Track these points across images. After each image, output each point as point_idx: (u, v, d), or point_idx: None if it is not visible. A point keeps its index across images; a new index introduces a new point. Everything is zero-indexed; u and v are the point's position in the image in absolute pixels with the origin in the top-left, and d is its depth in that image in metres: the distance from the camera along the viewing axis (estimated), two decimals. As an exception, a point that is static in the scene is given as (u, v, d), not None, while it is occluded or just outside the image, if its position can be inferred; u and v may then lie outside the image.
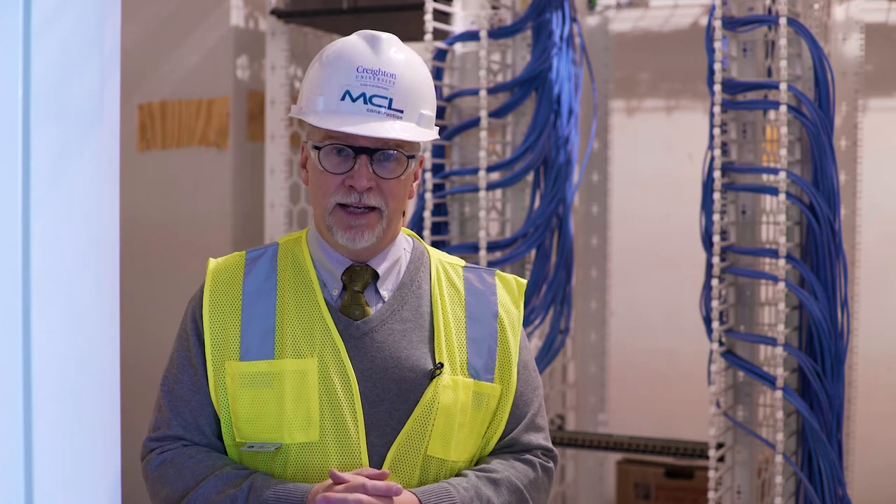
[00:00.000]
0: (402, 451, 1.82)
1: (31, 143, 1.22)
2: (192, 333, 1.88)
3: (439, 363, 1.85)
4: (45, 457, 1.23)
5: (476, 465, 1.93)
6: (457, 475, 1.88)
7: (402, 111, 1.82)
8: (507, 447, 1.95)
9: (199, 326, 1.88)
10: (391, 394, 1.83)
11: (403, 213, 1.93)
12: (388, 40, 1.85)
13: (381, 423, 1.82)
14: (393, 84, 1.81)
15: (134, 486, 2.20)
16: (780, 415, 3.06)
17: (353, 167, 1.81)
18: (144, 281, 4.35)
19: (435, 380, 1.84)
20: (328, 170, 1.82)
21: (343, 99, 1.80)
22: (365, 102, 1.80)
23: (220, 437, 1.88)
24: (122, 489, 1.45)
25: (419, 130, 1.83)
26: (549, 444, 1.99)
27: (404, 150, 1.83)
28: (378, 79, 1.81)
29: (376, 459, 1.82)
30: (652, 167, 4.73)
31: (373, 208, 1.83)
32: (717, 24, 3.08)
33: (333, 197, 1.83)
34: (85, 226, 1.32)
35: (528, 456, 1.94)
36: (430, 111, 1.87)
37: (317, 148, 1.83)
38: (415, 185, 1.92)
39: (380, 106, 1.80)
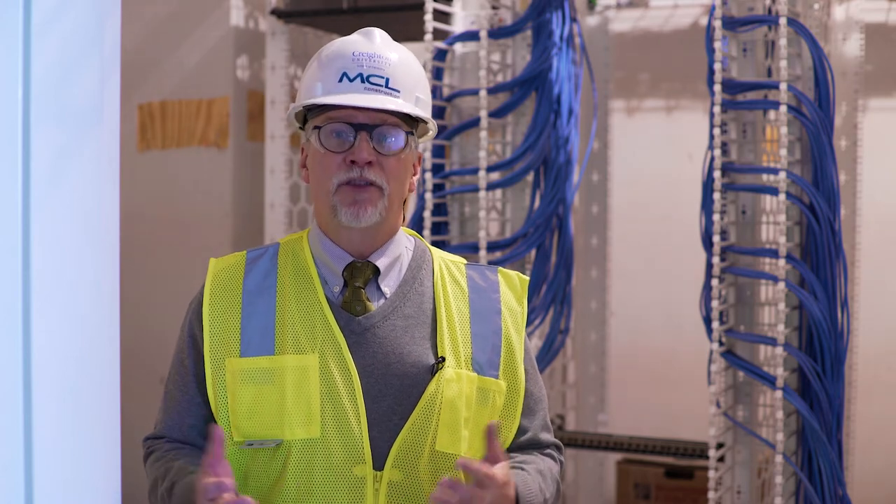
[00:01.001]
0: (406, 446, 1.82)
1: (31, 143, 1.22)
2: (188, 334, 1.89)
3: (441, 357, 1.85)
4: (45, 457, 1.23)
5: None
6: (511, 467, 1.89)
7: (398, 91, 1.84)
8: (528, 446, 1.96)
9: (195, 327, 1.88)
10: (393, 389, 1.83)
11: (404, 218, 1.93)
12: (381, 33, 1.90)
13: (384, 418, 1.82)
14: (389, 65, 1.84)
15: (134, 486, 2.20)
16: (780, 415, 3.06)
17: (354, 143, 1.82)
18: (145, 281, 4.35)
19: (437, 374, 1.84)
20: (329, 149, 1.83)
21: (340, 81, 1.83)
22: (362, 81, 1.83)
23: (206, 437, 1.89)
24: (122, 489, 1.45)
25: (416, 108, 1.86)
26: (557, 440, 2.03)
27: (404, 127, 1.85)
28: (374, 60, 1.84)
29: (379, 455, 1.81)
30: (652, 167, 4.73)
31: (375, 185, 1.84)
32: (717, 24, 3.08)
33: (336, 177, 1.83)
34: (85, 226, 1.32)
35: (548, 450, 1.98)
36: (426, 97, 1.90)
37: (317, 128, 1.84)
38: (414, 179, 1.92)
39: (377, 84, 1.83)
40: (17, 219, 1.21)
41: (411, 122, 1.87)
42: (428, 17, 3.44)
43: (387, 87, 1.83)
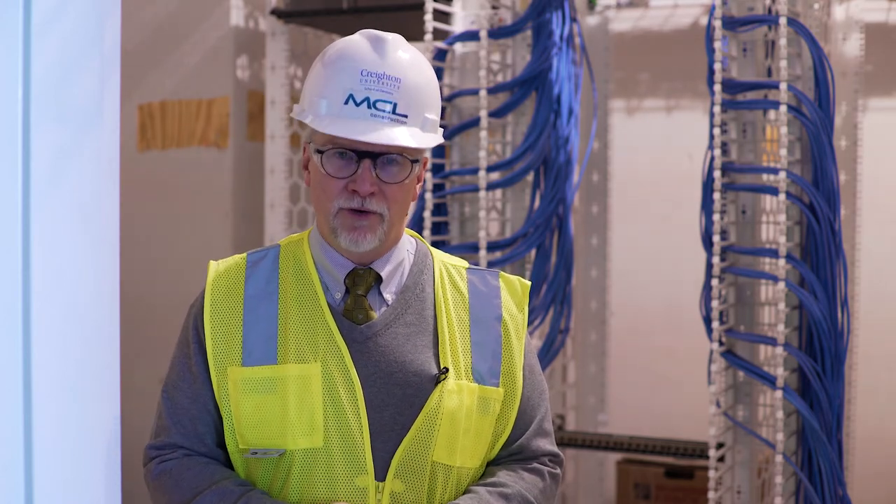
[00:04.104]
0: (408, 456, 1.80)
1: (31, 143, 1.22)
2: (193, 340, 1.86)
3: (444, 368, 1.83)
4: (45, 457, 1.23)
5: (483, 474, 1.92)
6: (466, 492, 1.86)
7: (406, 116, 1.78)
8: (515, 454, 1.93)
9: (200, 333, 1.85)
10: (396, 398, 1.81)
11: (406, 214, 1.91)
12: (394, 42, 1.82)
13: (386, 428, 1.80)
14: (398, 88, 1.78)
15: (134, 486, 2.20)
16: (780, 415, 3.06)
17: (357, 171, 1.78)
18: (145, 281, 4.35)
19: (440, 385, 1.82)
20: (331, 174, 1.79)
21: (346, 103, 1.77)
22: (369, 107, 1.76)
23: (220, 445, 1.86)
24: (122, 489, 1.45)
25: (423, 136, 1.80)
26: (556, 449, 1.98)
27: (408, 154, 1.81)
28: (382, 83, 1.77)
29: (381, 465, 1.79)
30: (652, 167, 4.73)
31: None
32: (717, 23, 3.08)
33: (336, 201, 1.80)
34: (85, 226, 1.32)
35: (535, 464, 1.93)
36: (435, 115, 1.84)
37: (319, 151, 1.81)
38: (418, 187, 1.89)
39: (384, 111, 1.77)
40: (17, 219, 1.21)
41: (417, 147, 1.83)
42: (428, 17, 3.44)
43: (394, 112, 1.77)
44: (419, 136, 1.80)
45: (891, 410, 4.36)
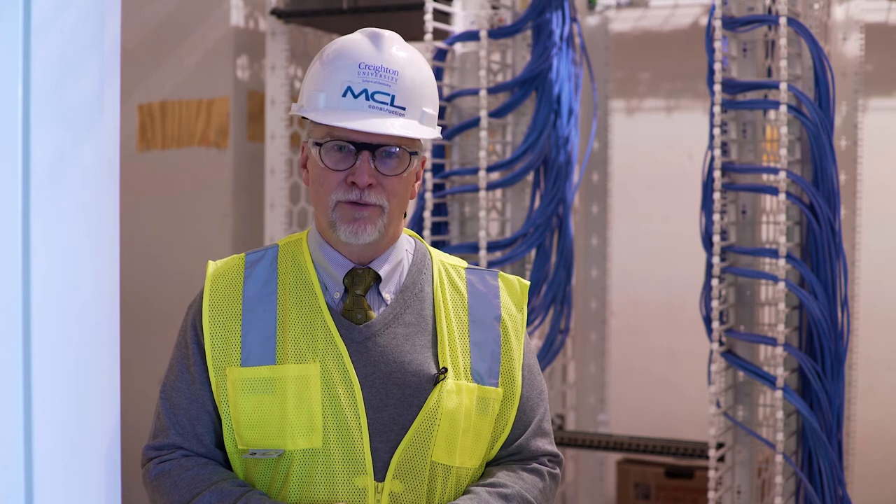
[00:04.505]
0: (407, 456, 1.80)
1: (31, 143, 1.22)
2: (192, 341, 1.86)
3: (443, 368, 1.83)
4: (45, 457, 1.23)
5: (483, 475, 1.92)
6: (465, 492, 1.86)
7: (404, 108, 1.79)
8: (515, 454, 1.93)
9: (199, 334, 1.85)
10: (395, 399, 1.81)
11: (405, 215, 1.91)
12: (391, 38, 1.83)
13: (385, 428, 1.80)
14: (395, 81, 1.79)
15: (134, 486, 2.20)
16: (780, 415, 3.06)
17: (355, 163, 1.79)
18: (145, 281, 4.35)
19: (439, 385, 1.82)
20: (329, 166, 1.80)
21: (344, 95, 1.78)
22: (367, 99, 1.78)
23: (218, 446, 1.86)
24: (122, 489, 1.45)
25: (421, 128, 1.81)
26: (555, 449, 1.98)
27: (406, 146, 1.81)
28: (380, 75, 1.79)
29: (380, 465, 1.79)
30: (652, 167, 4.73)
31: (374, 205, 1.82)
32: (717, 24, 3.08)
33: (335, 194, 1.80)
34: (85, 226, 1.32)
35: (534, 465, 1.93)
36: (433, 110, 1.85)
37: (318, 144, 1.82)
38: (416, 185, 1.89)
39: (382, 103, 1.78)
40: (17, 219, 1.21)
41: (415, 139, 1.84)
42: (428, 17, 3.44)
43: (392, 104, 1.78)
44: (417, 127, 1.81)
45: (891, 410, 4.37)
